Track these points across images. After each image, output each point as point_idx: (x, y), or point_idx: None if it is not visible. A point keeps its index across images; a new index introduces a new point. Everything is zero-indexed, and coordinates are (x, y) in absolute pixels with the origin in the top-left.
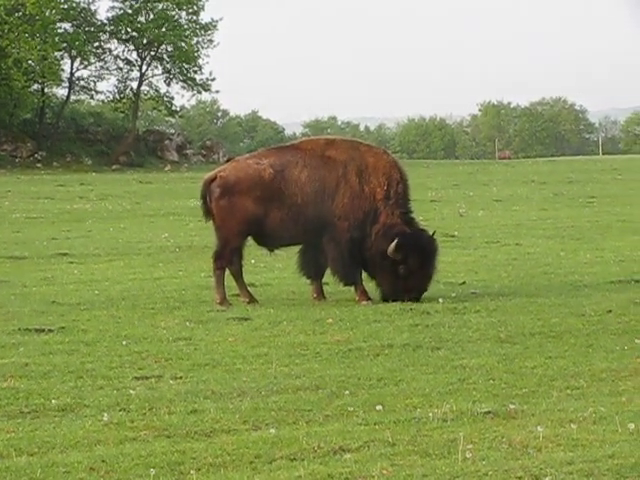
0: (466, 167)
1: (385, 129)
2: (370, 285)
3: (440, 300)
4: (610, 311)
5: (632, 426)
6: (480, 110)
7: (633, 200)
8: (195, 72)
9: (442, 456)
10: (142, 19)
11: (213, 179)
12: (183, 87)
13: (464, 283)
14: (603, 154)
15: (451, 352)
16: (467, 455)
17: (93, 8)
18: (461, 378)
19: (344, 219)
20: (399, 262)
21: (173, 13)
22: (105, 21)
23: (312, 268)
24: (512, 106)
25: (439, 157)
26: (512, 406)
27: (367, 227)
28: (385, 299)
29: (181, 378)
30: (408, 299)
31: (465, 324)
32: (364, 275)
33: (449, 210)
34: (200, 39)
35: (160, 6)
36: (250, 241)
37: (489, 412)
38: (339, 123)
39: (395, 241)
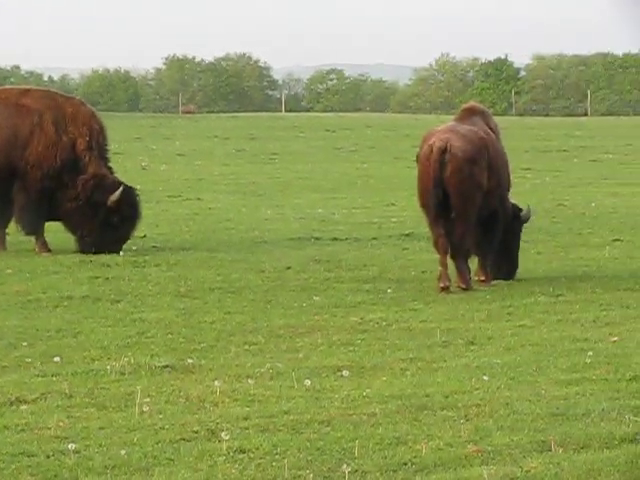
0: (150, 120)
1: (69, 80)
2: (54, 237)
3: (121, 253)
4: (289, 268)
5: (308, 382)
6: (165, 64)
7: (314, 158)
8: None
9: (119, 409)
10: None
11: None
12: None
13: (145, 236)
14: (286, 111)
15: (130, 305)
16: (144, 408)
17: None
18: (140, 331)
19: (37, 168)
20: (113, 212)
21: None
22: None
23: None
24: (197, 61)
25: (123, 110)
26: (190, 360)
27: (65, 177)
28: (91, 251)
29: None
30: (114, 249)
31: (145, 277)
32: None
33: (131, 163)
34: None
35: None
36: None
37: (167, 366)
38: (22, 72)
39: (120, 190)
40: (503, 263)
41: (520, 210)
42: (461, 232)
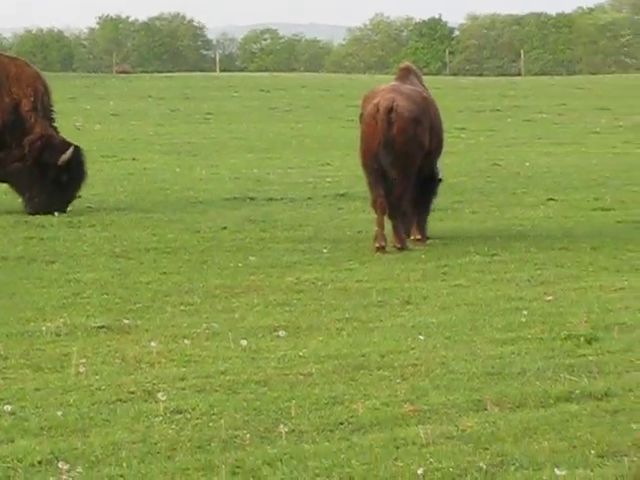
0: (83, 80)
1: (1, 39)
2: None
3: (55, 213)
4: (225, 228)
5: (244, 342)
6: (98, 23)
7: (249, 118)
8: None
9: (55, 370)
10: None
11: None
12: None
13: (80, 197)
14: (220, 71)
15: (65, 266)
16: (80, 369)
17: None
18: (75, 292)
19: None
20: (62, 172)
21: None
22: None
23: None
24: (130, 20)
25: (56, 69)
26: (126, 321)
27: (8, 138)
28: (38, 212)
29: None
30: (61, 210)
31: (80, 238)
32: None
33: (66, 123)
34: None
35: None
36: None
37: (103, 327)
38: None
39: (71, 150)
40: None
41: None
42: (400, 192)
